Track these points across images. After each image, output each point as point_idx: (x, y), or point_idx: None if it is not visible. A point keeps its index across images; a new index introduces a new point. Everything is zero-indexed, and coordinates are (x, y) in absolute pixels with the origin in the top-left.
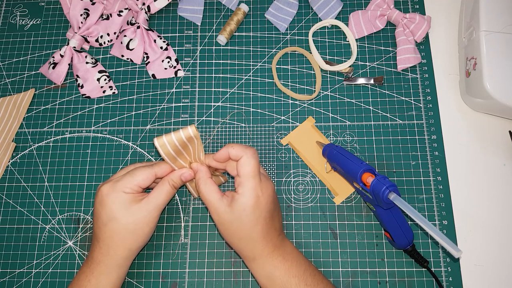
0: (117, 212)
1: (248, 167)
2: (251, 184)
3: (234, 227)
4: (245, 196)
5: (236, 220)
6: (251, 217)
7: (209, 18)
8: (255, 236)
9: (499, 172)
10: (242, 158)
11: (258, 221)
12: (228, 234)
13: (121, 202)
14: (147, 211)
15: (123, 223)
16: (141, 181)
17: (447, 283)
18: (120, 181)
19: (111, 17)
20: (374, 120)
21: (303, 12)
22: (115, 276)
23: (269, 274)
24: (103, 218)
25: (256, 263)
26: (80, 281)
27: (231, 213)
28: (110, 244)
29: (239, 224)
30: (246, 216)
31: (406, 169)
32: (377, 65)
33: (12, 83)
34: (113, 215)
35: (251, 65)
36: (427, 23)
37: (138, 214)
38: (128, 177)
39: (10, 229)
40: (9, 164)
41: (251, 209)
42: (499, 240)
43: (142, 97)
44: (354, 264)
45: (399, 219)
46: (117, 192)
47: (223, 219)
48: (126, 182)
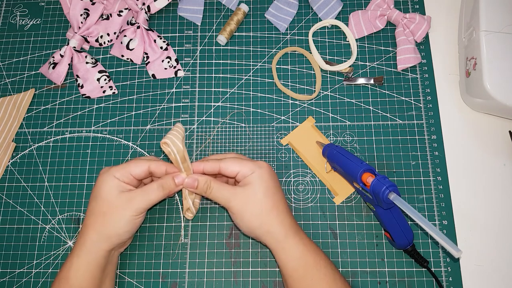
0: (100, 192)
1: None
2: (249, 164)
3: (263, 203)
4: (254, 174)
5: (261, 194)
6: (271, 183)
7: (209, 18)
8: (281, 206)
9: (499, 172)
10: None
11: (278, 190)
12: (259, 215)
13: (107, 184)
14: (125, 202)
15: (99, 204)
16: (132, 170)
17: (447, 283)
18: (115, 167)
19: (111, 17)
20: (374, 120)
21: (303, 12)
22: (86, 261)
23: (301, 254)
24: (91, 195)
25: (289, 240)
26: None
27: (253, 191)
28: (85, 223)
29: (264, 197)
30: (266, 187)
31: (406, 169)
32: (377, 65)
33: (12, 83)
34: (96, 193)
35: (251, 65)
36: (427, 23)
37: (115, 200)
38: (123, 164)
39: (10, 229)
40: (9, 164)
41: (267, 176)
42: (499, 240)
43: (142, 97)
44: (354, 264)
45: (399, 219)
46: (109, 175)
47: (253, 201)
48: (119, 168)
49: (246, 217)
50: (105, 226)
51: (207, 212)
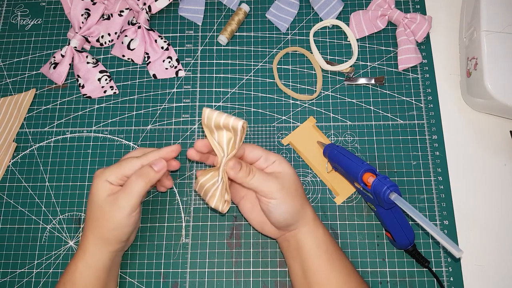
0: (92, 197)
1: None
2: (268, 151)
3: (299, 186)
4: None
5: (295, 177)
6: (294, 173)
7: (210, 18)
8: (302, 193)
9: (500, 172)
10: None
11: (298, 178)
12: (301, 196)
13: (98, 189)
14: (111, 205)
15: (91, 209)
16: (127, 171)
17: (448, 283)
18: (108, 169)
19: (112, 17)
20: (375, 120)
21: (304, 12)
22: (91, 263)
23: (322, 241)
24: (88, 199)
25: (313, 225)
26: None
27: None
28: (85, 227)
29: (297, 180)
30: (294, 172)
31: (407, 169)
32: (378, 65)
33: (13, 83)
34: (89, 198)
35: (252, 65)
36: (428, 23)
37: (103, 205)
38: (116, 167)
39: (11, 229)
40: (10, 164)
41: (289, 167)
42: (500, 240)
43: (143, 97)
44: (355, 264)
45: (400, 219)
46: (100, 180)
47: (293, 184)
48: (113, 171)
49: (289, 198)
50: (101, 230)
51: (208, 212)
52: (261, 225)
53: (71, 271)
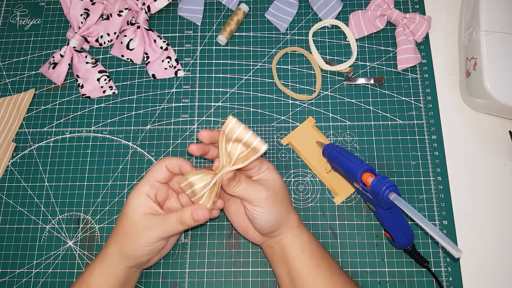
0: (127, 209)
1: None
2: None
3: (285, 191)
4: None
5: (281, 183)
6: (281, 180)
7: (209, 18)
8: (288, 200)
9: (499, 172)
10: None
11: (285, 185)
12: (277, 209)
13: (135, 202)
14: (144, 227)
15: (123, 221)
16: (155, 176)
17: (447, 283)
18: (143, 179)
19: (111, 17)
20: (374, 120)
21: (303, 12)
22: (106, 271)
23: (307, 245)
24: (122, 208)
25: (297, 230)
26: None
27: (275, 182)
28: (111, 235)
29: (284, 187)
30: (279, 180)
31: (406, 169)
32: (377, 65)
33: (12, 83)
34: (124, 210)
35: (251, 65)
36: (427, 23)
37: (137, 222)
38: (147, 174)
39: (10, 229)
40: (9, 164)
41: (277, 174)
42: (500, 240)
43: (142, 97)
44: (354, 264)
45: (399, 219)
46: (138, 192)
47: (280, 190)
48: (146, 179)
49: (275, 206)
50: (125, 245)
51: None
52: (244, 230)
53: (89, 272)
